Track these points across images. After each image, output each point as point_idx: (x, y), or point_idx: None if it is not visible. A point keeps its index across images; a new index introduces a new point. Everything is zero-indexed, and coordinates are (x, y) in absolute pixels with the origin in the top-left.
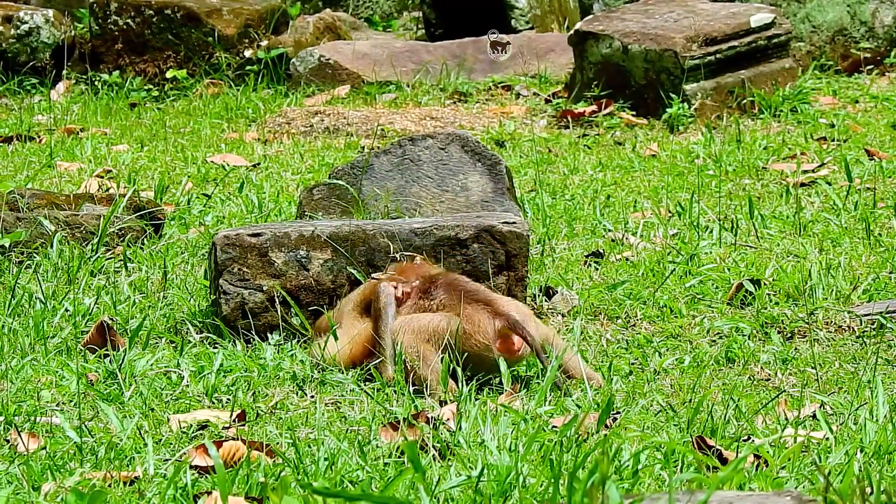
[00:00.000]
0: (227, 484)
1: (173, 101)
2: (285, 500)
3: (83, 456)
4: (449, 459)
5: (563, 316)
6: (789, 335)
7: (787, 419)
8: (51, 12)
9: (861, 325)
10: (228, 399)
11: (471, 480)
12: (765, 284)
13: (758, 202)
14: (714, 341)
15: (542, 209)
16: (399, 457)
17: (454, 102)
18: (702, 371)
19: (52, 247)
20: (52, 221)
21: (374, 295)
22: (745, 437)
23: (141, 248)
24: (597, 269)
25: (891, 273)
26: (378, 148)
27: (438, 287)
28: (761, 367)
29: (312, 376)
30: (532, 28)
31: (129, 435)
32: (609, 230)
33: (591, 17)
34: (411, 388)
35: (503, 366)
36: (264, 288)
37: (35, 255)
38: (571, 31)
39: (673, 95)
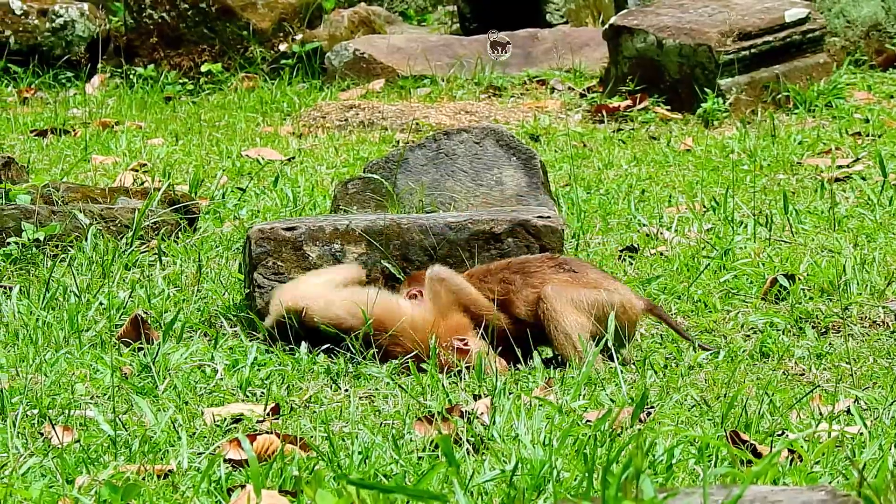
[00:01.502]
0: (260, 477)
1: (208, 94)
2: (319, 493)
3: (117, 449)
4: (483, 453)
5: None
6: (823, 330)
7: (821, 414)
8: (86, 6)
9: (895, 320)
10: (262, 392)
11: (505, 474)
12: (799, 279)
13: (792, 197)
14: (748, 336)
15: (576, 203)
16: (433, 450)
17: (489, 97)
18: (736, 366)
19: (86, 240)
20: (87, 215)
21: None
22: (780, 432)
23: (175, 241)
24: (631, 264)
25: None
26: (413, 142)
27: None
28: (795, 362)
29: (347, 370)
30: (567, 22)
31: (163, 428)
32: (643, 225)
33: (625, 11)
34: (446, 382)
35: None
36: None
37: (70, 248)
38: (606, 26)
39: (707, 90)
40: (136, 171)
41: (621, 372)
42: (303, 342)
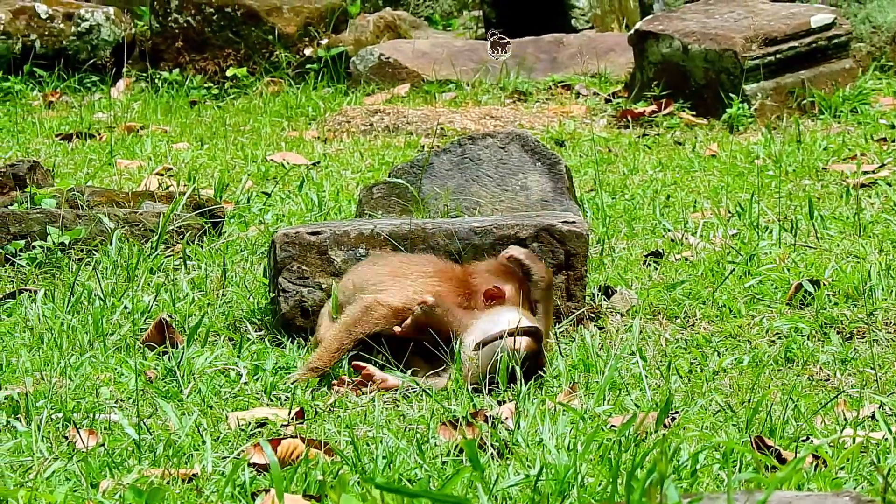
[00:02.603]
0: (284, 481)
1: (233, 99)
2: (343, 497)
3: (141, 453)
4: (507, 458)
5: (621, 315)
6: (848, 336)
7: (846, 419)
8: (111, 10)
9: None
10: (287, 397)
11: (529, 479)
12: (824, 285)
13: (817, 203)
14: (773, 341)
15: (601, 209)
16: (457, 455)
17: (514, 101)
18: (761, 371)
19: (111, 244)
20: (112, 219)
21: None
22: (804, 438)
23: (200, 245)
24: (656, 269)
25: None
26: (438, 147)
27: None
28: (820, 368)
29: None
30: (592, 28)
31: (188, 432)
32: (668, 230)
33: (651, 16)
34: (470, 387)
35: None
36: (323, 286)
37: (94, 252)
38: (631, 31)
39: (733, 95)
40: (161, 175)
41: (646, 377)
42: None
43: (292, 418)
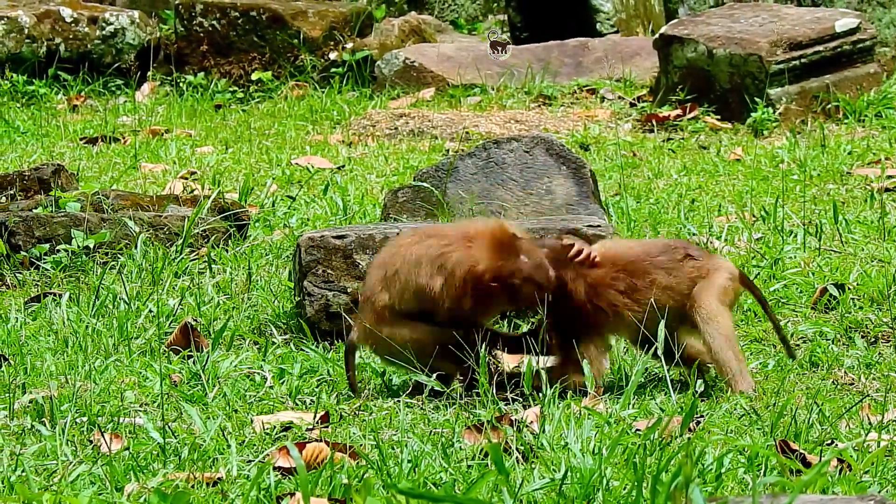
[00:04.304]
0: (309, 485)
1: (258, 102)
2: (369, 501)
3: (166, 457)
4: (532, 462)
5: None
6: (873, 340)
7: (870, 423)
8: (136, 13)
9: None
10: (312, 401)
11: (554, 483)
12: (849, 289)
13: (842, 207)
14: (798, 345)
15: (626, 213)
16: (482, 459)
17: (539, 106)
18: (785, 375)
19: (136, 248)
20: (137, 222)
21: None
22: (829, 441)
23: (225, 249)
24: None
25: None
26: (463, 151)
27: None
28: (845, 372)
29: (394, 380)
30: (617, 32)
31: (213, 436)
32: (693, 234)
33: (676, 21)
34: (495, 390)
35: None
36: (349, 290)
37: (119, 255)
38: (656, 35)
39: (757, 100)
40: (186, 178)
41: (671, 381)
42: None
43: (317, 422)
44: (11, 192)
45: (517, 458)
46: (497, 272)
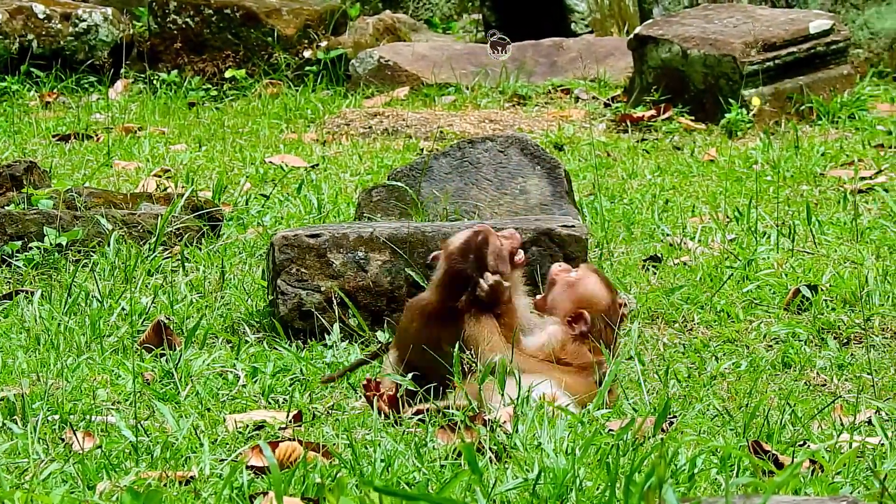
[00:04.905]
0: (282, 484)
1: (232, 100)
2: (342, 500)
3: (139, 455)
4: (505, 462)
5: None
6: (845, 341)
7: (842, 424)
8: (109, 10)
9: None
10: (285, 399)
11: (527, 483)
12: (822, 290)
13: (815, 208)
14: (771, 346)
15: (600, 213)
16: (456, 459)
17: (513, 105)
18: (758, 376)
19: (109, 246)
20: (110, 220)
21: None
22: (801, 442)
23: (198, 247)
24: (654, 274)
25: None
26: (437, 150)
27: None
28: (817, 373)
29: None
30: (592, 32)
31: (185, 435)
32: (667, 234)
33: (650, 21)
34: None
35: None
36: (322, 289)
37: (92, 253)
38: (631, 36)
39: (731, 101)
40: (159, 176)
41: (644, 381)
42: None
43: (290, 421)
44: None
45: (490, 457)
46: None
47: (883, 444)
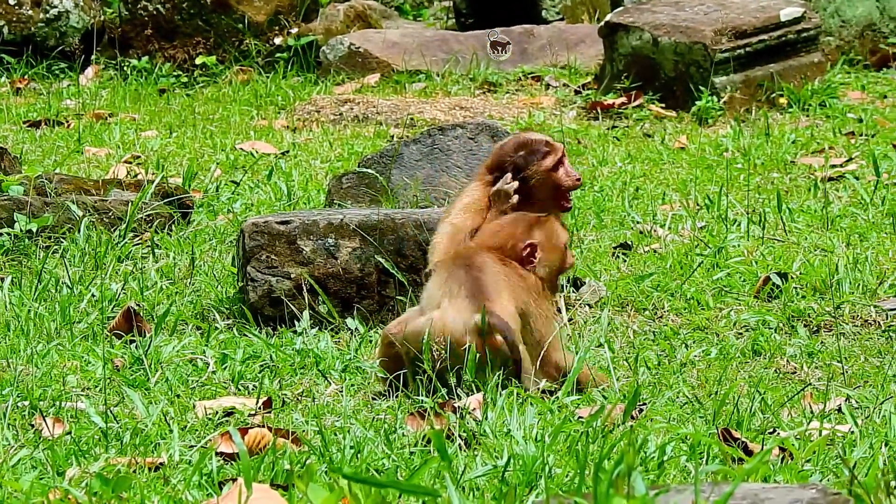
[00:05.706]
0: (252, 471)
1: (202, 87)
2: (311, 487)
3: (108, 441)
4: (475, 449)
5: (590, 307)
6: (815, 329)
7: (812, 412)
8: None
9: (887, 319)
10: (254, 386)
11: (497, 470)
12: (792, 278)
13: (786, 196)
14: (741, 334)
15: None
16: (425, 446)
17: (484, 92)
18: (728, 363)
19: (79, 232)
20: (80, 206)
21: None
22: (771, 430)
23: (169, 234)
24: (625, 261)
25: None
26: (407, 137)
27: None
28: (787, 361)
29: (338, 365)
30: (562, 19)
31: (155, 421)
32: (637, 222)
33: (621, 8)
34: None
35: None
36: (292, 275)
37: (62, 240)
38: (602, 23)
39: (702, 88)
40: (130, 163)
41: (613, 368)
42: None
43: (260, 408)
44: None
45: (460, 444)
46: None
47: (852, 432)
